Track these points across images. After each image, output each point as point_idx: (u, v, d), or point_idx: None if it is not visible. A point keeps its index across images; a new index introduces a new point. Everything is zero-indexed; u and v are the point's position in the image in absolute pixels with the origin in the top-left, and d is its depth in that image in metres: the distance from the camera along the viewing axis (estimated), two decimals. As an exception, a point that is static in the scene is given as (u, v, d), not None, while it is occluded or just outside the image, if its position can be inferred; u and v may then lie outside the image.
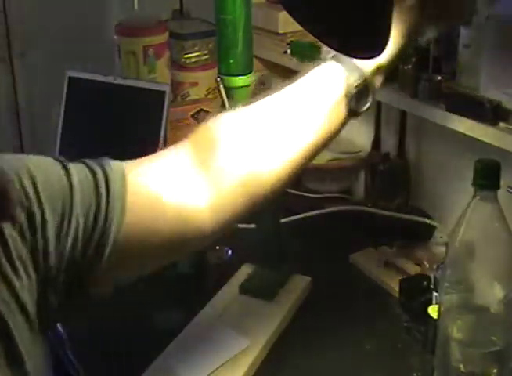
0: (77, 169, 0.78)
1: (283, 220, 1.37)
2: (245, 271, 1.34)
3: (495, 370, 0.94)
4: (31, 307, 0.72)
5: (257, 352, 1.12)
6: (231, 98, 1.14)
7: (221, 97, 1.14)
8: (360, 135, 1.68)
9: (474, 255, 0.90)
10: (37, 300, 0.73)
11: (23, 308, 0.71)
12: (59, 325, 1.23)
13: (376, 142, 1.60)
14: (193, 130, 0.87)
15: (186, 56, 1.80)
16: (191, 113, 1.69)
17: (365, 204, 1.55)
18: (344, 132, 1.73)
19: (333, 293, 1.31)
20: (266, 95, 0.89)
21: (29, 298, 0.72)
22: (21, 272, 0.71)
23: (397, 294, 1.28)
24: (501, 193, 0.90)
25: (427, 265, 1.31)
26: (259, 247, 1.31)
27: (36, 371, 0.72)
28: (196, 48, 1.80)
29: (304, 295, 1.29)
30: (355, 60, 0.91)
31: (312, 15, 1.11)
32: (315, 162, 1.61)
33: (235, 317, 1.21)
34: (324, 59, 0.92)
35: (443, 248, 1.29)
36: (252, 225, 1.31)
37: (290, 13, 1.16)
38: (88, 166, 0.79)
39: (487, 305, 0.92)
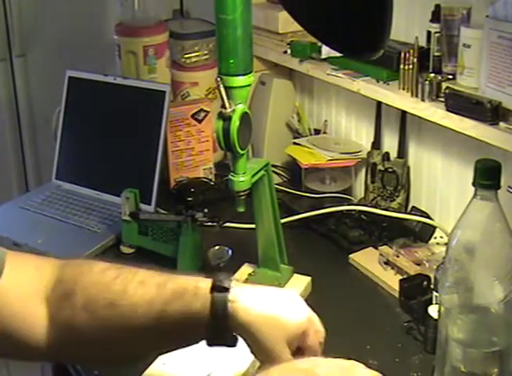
0: None
1: (282, 220, 1.37)
2: (245, 271, 1.34)
3: (495, 370, 0.94)
4: None
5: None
6: (231, 98, 1.14)
7: (221, 97, 1.14)
8: (360, 135, 1.68)
9: (474, 255, 0.90)
10: None
11: None
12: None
13: (376, 142, 1.60)
14: (69, 262, 0.92)
15: (186, 56, 1.80)
16: (191, 113, 1.69)
17: (365, 204, 1.55)
18: (344, 132, 1.74)
19: (333, 293, 1.31)
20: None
21: None
22: None
23: (397, 294, 1.28)
24: (501, 192, 0.90)
25: (427, 265, 1.31)
26: (259, 247, 1.31)
27: None
28: (196, 48, 1.80)
29: (304, 295, 1.29)
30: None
31: (312, 15, 1.11)
32: (315, 162, 1.62)
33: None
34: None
35: (443, 248, 1.30)
36: (252, 225, 1.31)
37: (290, 13, 1.17)
38: None
39: (487, 305, 0.92)
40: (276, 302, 0.87)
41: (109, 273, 0.88)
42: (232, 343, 0.86)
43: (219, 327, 0.83)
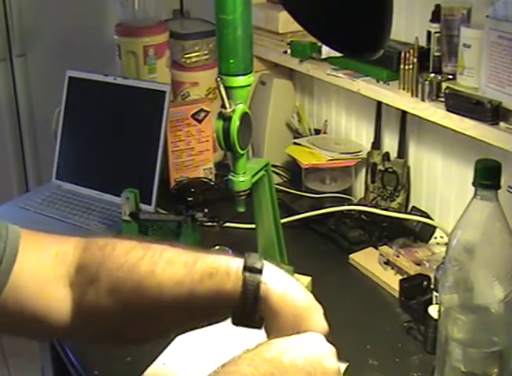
0: None
1: (283, 220, 1.37)
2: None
3: (495, 370, 0.94)
4: None
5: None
6: (231, 98, 1.14)
7: (221, 97, 1.14)
8: (360, 135, 1.68)
9: (474, 255, 0.90)
10: None
11: None
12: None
13: (376, 142, 1.60)
14: (91, 243, 0.88)
15: (186, 55, 1.80)
16: (191, 113, 1.69)
17: (365, 204, 1.55)
18: (344, 132, 1.74)
19: (333, 293, 1.31)
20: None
21: None
22: None
23: (397, 294, 1.28)
24: (501, 192, 0.90)
25: (427, 265, 1.31)
26: (259, 247, 1.31)
27: None
28: (196, 48, 1.80)
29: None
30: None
31: (312, 15, 1.11)
32: (315, 162, 1.62)
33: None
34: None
35: (443, 248, 1.30)
36: (252, 225, 1.31)
37: (290, 13, 1.17)
38: None
39: (487, 305, 0.92)
40: (305, 298, 0.84)
41: (135, 254, 0.85)
42: (258, 325, 0.84)
43: (249, 308, 0.82)
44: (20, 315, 0.85)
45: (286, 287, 0.83)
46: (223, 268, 0.83)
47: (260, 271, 0.82)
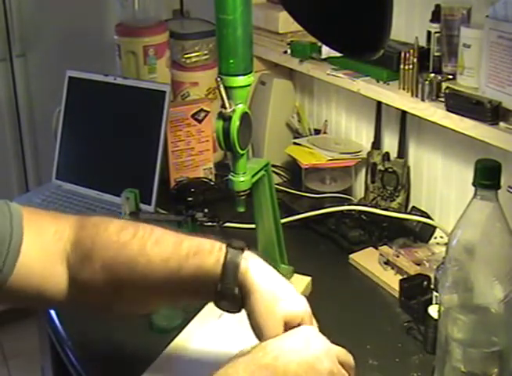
0: None
1: (283, 220, 1.37)
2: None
3: (495, 370, 0.94)
4: None
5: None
6: (231, 98, 1.14)
7: (221, 97, 1.14)
8: (360, 135, 1.68)
9: (474, 255, 0.90)
10: None
11: None
12: (59, 325, 1.23)
13: (376, 142, 1.60)
14: (86, 221, 0.94)
15: (186, 55, 1.80)
16: (191, 113, 1.69)
17: (365, 204, 1.55)
18: (344, 132, 1.74)
19: (333, 293, 1.31)
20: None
21: None
22: None
23: (397, 294, 1.28)
24: (501, 192, 0.90)
25: (427, 265, 1.31)
26: (259, 247, 1.31)
27: None
28: (196, 48, 1.80)
29: (304, 295, 1.29)
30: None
31: (312, 15, 1.12)
32: (315, 162, 1.62)
33: (235, 317, 1.21)
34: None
35: (443, 248, 1.30)
36: (252, 225, 1.31)
37: (290, 13, 1.17)
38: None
39: (487, 305, 0.92)
40: (283, 282, 0.90)
41: (126, 233, 0.91)
42: (238, 303, 0.89)
43: (229, 280, 0.87)
44: (24, 292, 0.90)
45: (265, 265, 0.89)
46: (208, 246, 0.89)
47: (242, 249, 0.89)
